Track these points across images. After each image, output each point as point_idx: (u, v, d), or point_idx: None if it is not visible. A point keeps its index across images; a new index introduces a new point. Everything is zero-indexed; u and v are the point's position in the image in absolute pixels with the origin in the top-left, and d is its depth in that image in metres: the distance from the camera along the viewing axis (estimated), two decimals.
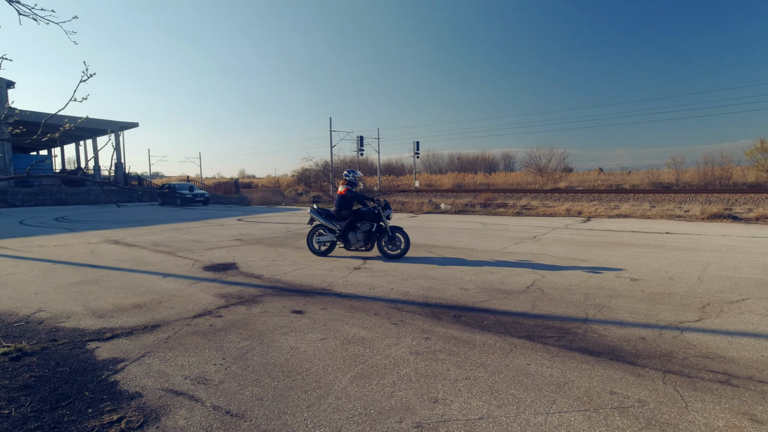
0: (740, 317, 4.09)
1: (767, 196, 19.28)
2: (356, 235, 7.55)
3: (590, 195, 23.38)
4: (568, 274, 5.98)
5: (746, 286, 5.15)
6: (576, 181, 41.47)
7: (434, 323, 4.12)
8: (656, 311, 4.32)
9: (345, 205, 7.63)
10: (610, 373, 3.00)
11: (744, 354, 3.27)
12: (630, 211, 14.56)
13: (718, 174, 32.53)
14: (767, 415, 2.44)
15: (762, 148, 31.33)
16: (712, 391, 2.74)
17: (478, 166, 57.76)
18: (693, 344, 3.48)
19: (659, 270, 6.07)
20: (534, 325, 4.02)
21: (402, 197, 25.22)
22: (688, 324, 3.94)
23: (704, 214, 12.97)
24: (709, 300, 4.65)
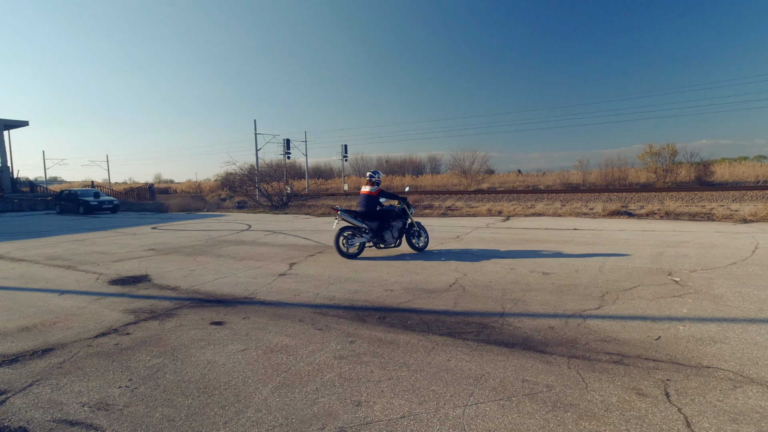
0: (632, 303, 4.58)
1: (656, 195, 21.95)
2: (392, 232, 7.95)
3: (510, 195, 24.97)
4: (488, 271, 6.30)
5: (637, 275, 5.78)
6: (497, 183, 44.06)
7: (359, 326, 4.12)
8: (564, 302, 4.69)
9: (374, 204, 7.95)
10: (523, 363, 3.20)
11: (634, 335, 3.66)
12: (544, 209, 15.75)
13: (617, 175, 36.39)
14: (651, 389, 2.75)
15: (650, 152, 35.58)
16: (608, 371, 3.03)
17: (405, 168, 59.14)
18: (593, 330, 3.83)
19: (567, 263, 6.61)
20: (455, 322, 4.17)
21: (330, 201, 25.06)
22: (590, 312, 4.33)
23: (605, 212, 14.38)
24: (607, 289, 5.14)
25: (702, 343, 3.46)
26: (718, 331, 3.70)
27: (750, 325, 3.81)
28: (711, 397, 2.63)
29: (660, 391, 2.71)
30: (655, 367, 3.06)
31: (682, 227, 10.58)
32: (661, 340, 3.54)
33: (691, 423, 2.36)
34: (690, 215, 12.94)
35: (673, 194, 21.46)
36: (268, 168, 26.08)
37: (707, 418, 2.41)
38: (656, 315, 4.16)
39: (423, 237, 8.29)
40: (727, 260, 6.48)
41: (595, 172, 38.07)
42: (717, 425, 2.33)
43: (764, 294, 4.71)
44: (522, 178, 48.17)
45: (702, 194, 20.89)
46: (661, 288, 5.10)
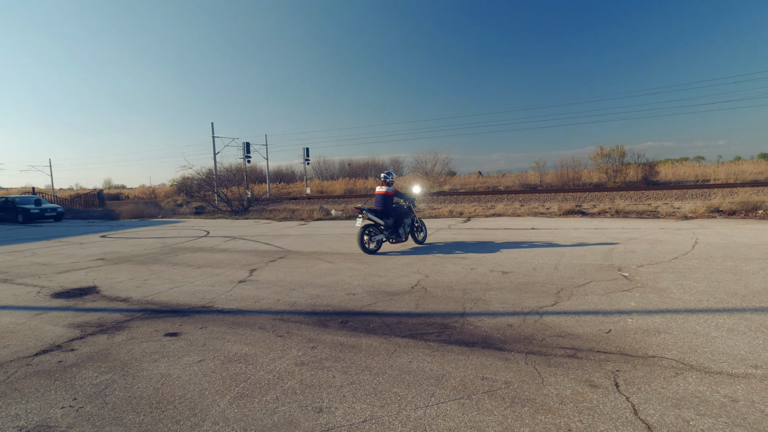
0: (585, 298, 4.78)
1: (607, 194, 23.07)
2: (404, 228, 8.77)
3: (471, 196, 25.52)
4: (449, 272, 6.40)
5: (590, 271, 6.04)
6: (459, 184, 44.93)
7: (321, 331, 4.07)
8: (522, 299, 4.83)
9: (390, 202, 8.68)
10: (483, 361, 3.27)
11: (587, 330, 3.82)
12: (503, 210, 16.19)
13: (571, 176, 38.03)
14: (602, 380, 2.87)
15: (601, 154, 37.38)
16: (562, 365, 3.14)
17: (368, 171, 59.18)
18: (549, 326, 3.96)
19: (526, 262, 6.82)
20: (417, 323, 4.20)
21: (292, 205, 24.70)
22: (546, 308, 4.48)
23: (561, 211, 14.96)
24: (563, 286, 5.34)
25: (648, 334, 3.65)
26: (662, 322, 3.92)
27: (690, 315, 4.07)
28: (656, 384, 2.78)
29: (610, 382, 2.84)
30: (606, 359, 3.20)
31: (630, 225, 11.17)
32: (612, 333, 3.71)
33: (638, 411, 2.49)
34: (638, 213, 13.68)
35: (622, 193, 22.65)
36: (227, 172, 25.30)
37: (652, 405, 2.54)
38: (607, 309, 4.36)
39: (423, 232, 9.35)
40: (670, 255, 6.89)
41: (551, 173, 39.62)
42: (661, 411, 2.47)
43: (703, 286, 5.03)
44: (483, 179, 49.38)
45: (648, 193, 22.16)
46: (612, 283, 5.36)
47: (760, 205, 12.62)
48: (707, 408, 2.48)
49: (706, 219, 11.79)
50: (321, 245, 9.69)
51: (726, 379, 2.81)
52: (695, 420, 2.37)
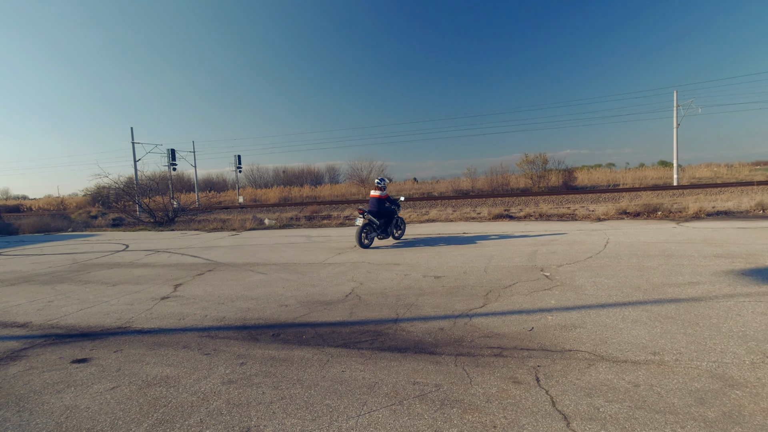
0: (511, 299, 5.03)
1: (532, 198, 24.62)
2: (391, 227, 10.28)
3: (407, 203, 26.01)
4: (383, 278, 6.45)
5: (516, 273, 6.38)
6: (394, 191, 45.64)
7: (251, 346, 3.91)
8: (453, 303, 4.98)
9: (383, 204, 9.98)
10: (414, 366, 3.31)
11: (512, 329, 4.02)
12: (437, 215, 16.67)
13: (500, 182, 40.22)
14: (525, 376, 3.03)
15: (527, 161, 39.89)
16: (489, 364, 3.27)
17: (304, 179, 58.34)
18: (478, 327, 4.12)
19: (457, 266, 7.05)
20: (351, 332, 4.18)
21: (224, 214, 23.63)
22: (476, 310, 4.66)
23: (490, 215, 15.72)
24: (491, 288, 5.59)
25: (566, 329, 3.92)
26: (578, 317, 4.23)
27: (602, 309, 4.43)
28: (572, 377, 2.98)
29: (532, 377, 3.01)
30: (529, 356, 3.39)
31: (552, 227, 11.99)
32: (534, 331, 3.93)
33: (556, 402, 2.65)
34: (558, 216, 14.73)
35: (546, 197, 24.30)
36: (150, 181, 23.56)
37: (568, 396, 2.72)
38: (530, 308, 4.63)
39: (401, 230, 10.87)
40: (586, 254, 7.48)
41: (482, 179, 41.64)
42: (575, 401, 2.65)
43: (612, 282, 5.51)
44: (418, 185, 50.62)
45: (568, 197, 23.98)
46: (535, 283, 5.70)
47: (659, 206, 14.13)
48: (615, 394, 2.70)
49: (616, 220, 12.97)
50: (254, 256, 9.34)
51: (630, 367, 3.08)
52: (604, 406, 2.57)
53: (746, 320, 3.88)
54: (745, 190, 21.44)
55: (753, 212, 13.09)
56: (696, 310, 4.24)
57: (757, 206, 13.56)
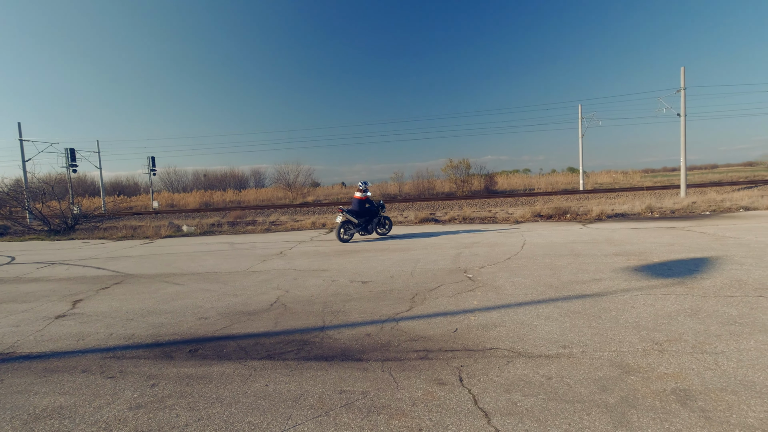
0: (436, 301, 5.17)
1: (457, 202, 25.67)
2: (373, 225, 11.67)
3: (334, 207, 25.82)
4: (310, 285, 6.31)
5: (441, 275, 6.58)
6: (323, 195, 45.21)
7: (165, 365, 3.60)
8: (380, 308, 5.00)
9: (363, 205, 11.46)
10: (341, 374, 3.26)
11: (437, 331, 4.12)
12: None
13: (426, 186, 41.47)
14: (449, 377, 3.11)
15: (451, 166, 41.56)
16: (415, 367, 3.31)
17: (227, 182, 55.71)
18: (405, 331, 4.16)
19: (384, 271, 7.11)
20: (276, 342, 4.02)
21: (135, 221, 21.73)
22: (402, 314, 4.71)
23: (417, 219, 16.11)
24: (417, 291, 5.69)
25: (487, 328, 4.10)
26: (498, 317, 4.45)
27: (519, 308, 4.70)
28: (492, 374, 3.11)
29: (455, 378, 3.09)
30: (453, 357, 3.48)
31: (475, 230, 12.57)
32: (458, 332, 4.06)
33: (478, 400, 2.75)
34: (480, 219, 15.50)
35: (469, 201, 25.49)
36: (43, 184, 20.87)
37: (489, 393, 2.83)
38: (455, 309, 4.78)
39: (387, 227, 12.10)
40: (505, 256, 7.92)
41: (409, 183, 42.64)
42: (495, 397, 2.76)
43: (528, 281, 5.89)
44: (346, 190, 50.58)
45: (490, 201, 25.36)
46: (459, 285, 5.91)
47: (568, 209, 15.43)
48: (530, 388, 2.86)
49: (531, 223, 13.93)
50: (169, 266, 8.68)
51: (544, 361, 3.29)
52: (521, 401, 2.71)
53: (639, 312, 4.33)
54: (638, 194, 24.19)
55: (644, 214, 14.78)
56: (599, 304, 4.65)
57: (647, 209, 15.34)
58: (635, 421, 2.43)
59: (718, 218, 12.42)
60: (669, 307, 4.42)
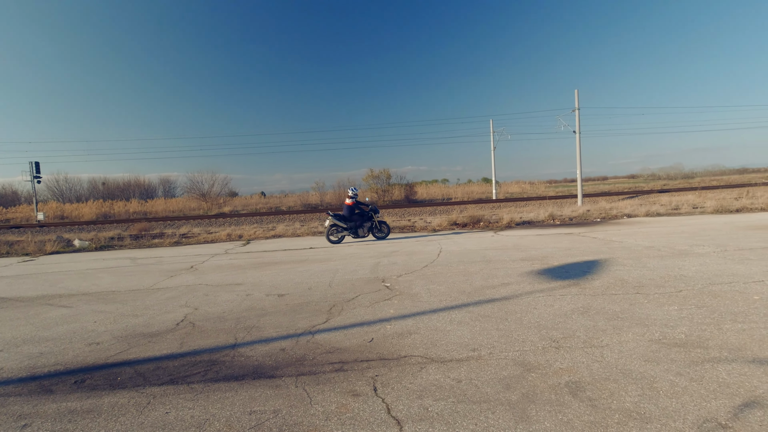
0: (353, 312, 5.15)
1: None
2: (363, 229, 12.52)
3: (253, 218, 24.82)
4: (222, 301, 5.96)
5: (359, 285, 6.58)
6: (240, 205, 43.27)
7: (42, 400, 3.15)
8: (296, 321, 4.86)
9: (352, 210, 12.47)
10: (252, 393, 3.09)
11: (354, 342, 4.09)
12: (284, 231, 16.29)
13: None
14: (363, 388, 3.09)
15: (372, 175, 42.09)
16: (330, 380, 3.25)
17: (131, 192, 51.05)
18: (321, 344, 4.08)
19: (302, 282, 6.94)
20: (181, 365, 3.71)
21: (12, 235, 18.94)
22: (319, 326, 4.62)
23: None
24: (335, 302, 5.63)
25: (402, 336, 4.16)
26: (413, 324, 4.54)
27: (433, 314, 4.85)
28: (406, 381, 3.16)
29: (370, 388, 3.08)
30: (368, 367, 3.48)
31: (394, 238, 12.81)
32: (374, 341, 4.07)
33: (391, 409, 2.76)
34: (400, 228, 15.85)
35: (390, 210, 25.94)
36: None
37: (402, 400, 2.86)
38: (371, 319, 4.80)
39: (384, 231, 12.89)
40: (422, 264, 8.16)
41: (330, 193, 42.40)
42: (408, 405, 2.80)
43: (443, 288, 6.11)
44: (265, 200, 48.98)
45: (410, 210, 26.05)
46: (376, 294, 5.95)
47: (481, 218, 16.37)
48: (441, 393, 2.95)
49: (448, 231, 14.56)
50: (55, 286, 7.68)
51: (455, 365, 3.42)
52: (433, 405, 2.78)
53: (540, 312, 4.69)
54: (542, 203, 26.41)
55: (547, 221, 16.17)
56: (506, 307, 4.96)
57: (550, 216, 16.81)
58: (534, 415, 2.61)
59: (607, 224, 13.98)
60: (565, 307, 4.84)
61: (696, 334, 3.82)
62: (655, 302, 4.84)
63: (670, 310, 4.52)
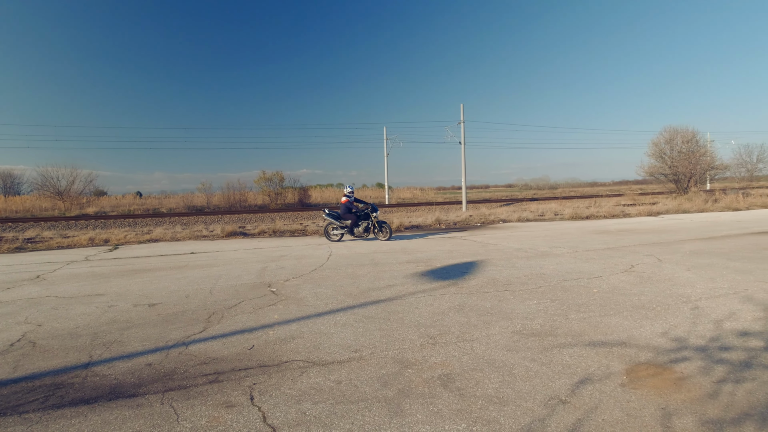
0: (235, 319, 4.87)
1: (269, 215, 25.07)
2: (359, 228, 12.33)
3: (125, 220, 22.17)
4: (76, 314, 5.19)
5: (243, 291, 6.25)
6: (109, 206, 38.25)
7: None
8: (168, 332, 4.43)
9: (347, 209, 12.40)
10: (105, 417, 2.73)
11: (232, 350, 3.87)
12: (162, 234, 14.81)
13: (238, 198, 39.29)
14: (239, 398, 2.93)
15: (264, 178, 40.50)
16: (202, 393, 3.02)
17: None
18: (195, 355, 3.78)
19: (178, 290, 6.37)
20: (11, 393, 3.13)
21: None
22: (194, 336, 4.27)
23: (224, 233, 15.09)
24: (215, 310, 5.27)
25: (285, 342, 4.05)
26: (297, 329, 4.45)
27: (318, 318, 4.81)
28: (285, 387, 3.07)
29: (246, 398, 2.93)
30: (246, 375, 3.31)
31: (284, 243, 12.47)
32: (255, 348, 3.90)
33: (267, 417, 2.66)
34: (291, 232, 15.48)
35: (282, 214, 25.20)
36: None
37: (279, 407, 2.78)
38: (254, 326, 4.59)
39: (385, 231, 12.40)
40: (311, 268, 8.06)
41: (218, 195, 39.74)
42: (285, 411, 2.73)
43: (330, 291, 6.10)
44: (141, 200, 44.10)
45: (303, 213, 25.61)
46: (261, 299, 5.72)
47: None
48: (320, 395, 2.93)
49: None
50: None
51: (336, 367, 3.42)
52: (311, 409, 2.74)
53: (421, 312, 4.94)
54: (431, 208, 28.00)
55: (434, 226, 17.17)
56: (390, 308, 5.13)
57: (436, 221, 17.89)
58: (408, 409, 2.73)
59: (486, 228, 15.34)
60: (443, 305, 5.17)
61: (549, 324, 4.37)
62: (520, 298, 5.42)
63: (531, 304, 5.11)
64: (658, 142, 30.26)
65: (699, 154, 28.91)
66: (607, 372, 3.22)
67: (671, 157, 29.42)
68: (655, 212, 19.79)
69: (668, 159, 29.54)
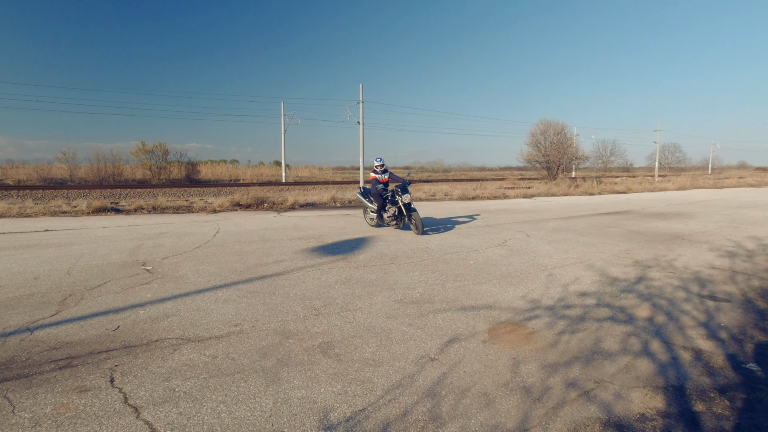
0: (98, 300, 4.37)
1: (150, 191, 22.70)
2: (387, 213, 9.27)
3: None
4: None
5: (111, 270, 5.62)
6: None
7: None
8: (7, 318, 3.82)
9: (375, 187, 9.28)
10: None
11: (91, 333, 3.48)
12: (5, 210, 12.52)
13: (111, 171, 34.72)
14: (96, 381, 2.67)
15: (144, 150, 36.39)
16: (49, 381, 2.68)
17: None
18: (42, 340, 3.32)
19: (25, 272, 5.49)
20: None
21: None
22: (43, 321, 3.75)
23: (90, 208, 13.28)
24: (72, 291, 4.67)
25: (157, 321, 3.76)
26: (172, 306, 4.16)
27: (198, 295, 4.55)
28: (152, 366, 2.87)
29: (105, 380, 2.68)
30: (107, 358, 3.02)
31: (165, 220, 11.43)
32: (120, 329, 3.56)
33: (129, 397, 2.47)
34: (174, 209, 14.24)
35: (166, 190, 23.01)
36: None
37: (145, 386, 2.59)
38: (121, 306, 4.17)
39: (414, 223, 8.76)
40: (194, 245, 7.53)
41: (85, 167, 34.76)
42: (151, 390, 2.56)
43: (213, 268, 5.79)
44: None
45: (190, 190, 23.67)
46: (132, 279, 5.21)
47: (266, 199, 16.18)
48: (193, 371, 2.80)
49: (230, 212, 13.84)
50: None
51: (213, 342, 3.29)
52: (181, 385, 2.61)
53: (308, 285, 4.95)
54: (328, 187, 27.85)
55: (329, 204, 17.15)
56: (276, 283, 5.05)
57: (332, 199, 17.89)
58: (285, 376, 2.74)
59: None
60: (331, 279, 5.24)
61: (428, 293, 4.70)
62: (404, 270, 5.72)
63: (413, 276, 5.43)
64: (535, 133, 33.87)
65: (566, 145, 33.03)
66: (473, 332, 3.58)
67: (545, 147, 33.16)
68: (530, 195, 22.24)
69: (542, 148, 33.25)
